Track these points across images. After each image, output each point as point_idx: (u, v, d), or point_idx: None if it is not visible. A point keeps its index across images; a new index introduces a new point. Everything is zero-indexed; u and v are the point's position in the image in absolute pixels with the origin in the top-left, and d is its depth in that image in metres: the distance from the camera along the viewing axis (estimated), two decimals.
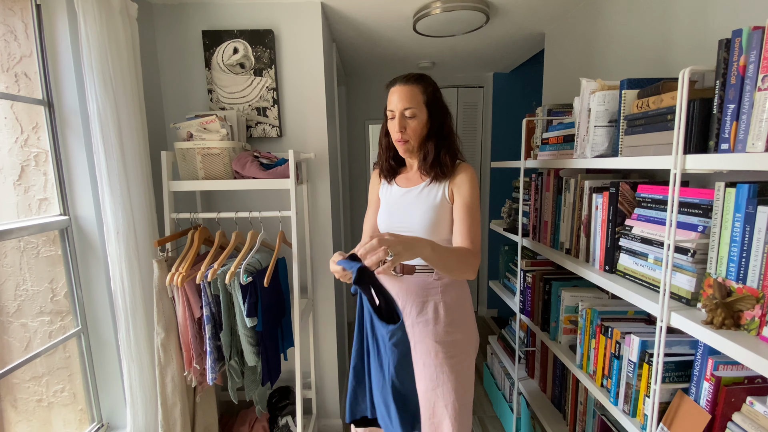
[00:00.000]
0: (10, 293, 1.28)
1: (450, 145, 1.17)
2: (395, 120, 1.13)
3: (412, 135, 1.14)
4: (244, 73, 1.75)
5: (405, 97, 1.12)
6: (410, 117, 1.13)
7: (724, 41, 0.77)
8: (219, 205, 1.88)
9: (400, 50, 2.50)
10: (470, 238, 1.12)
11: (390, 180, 1.26)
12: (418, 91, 1.13)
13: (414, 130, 1.14)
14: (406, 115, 1.12)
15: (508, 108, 3.18)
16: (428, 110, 1.14)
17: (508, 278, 2.06)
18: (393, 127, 1.15)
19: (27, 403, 1.34)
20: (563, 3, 1.81)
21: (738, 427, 0.79)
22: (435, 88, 1.17)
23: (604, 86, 1.17)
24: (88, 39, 1.22)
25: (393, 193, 1.24)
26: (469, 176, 1.15)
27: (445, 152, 1.16)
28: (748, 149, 0.73)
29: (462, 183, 1.15)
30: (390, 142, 1.23)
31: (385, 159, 1.26)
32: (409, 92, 1.12)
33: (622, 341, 1.12)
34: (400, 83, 1.14)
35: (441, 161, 1.15)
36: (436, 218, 1.15)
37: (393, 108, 1.14)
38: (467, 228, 1.13)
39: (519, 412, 1.90)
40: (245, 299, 1.39)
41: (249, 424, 1.79)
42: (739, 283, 0.79)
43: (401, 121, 1.13)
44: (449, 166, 1.16)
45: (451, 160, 1.16)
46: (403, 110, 1.12)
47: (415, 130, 1.14)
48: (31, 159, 1.32)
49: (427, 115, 1.15)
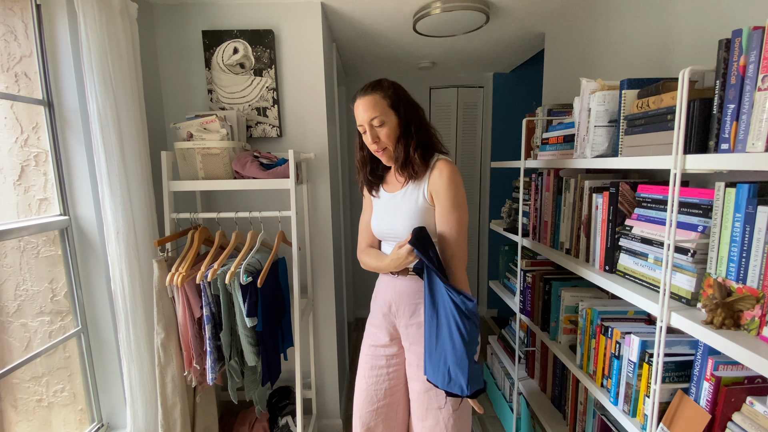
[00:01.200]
0: (10, 293, 1.28)
1: (420, 141, 1.13)
2: (367, 133, 1.13)
3: (387, 142, 1.13)
4: (244, 73, 1.75)
5: (368, 107, 1.10)
6: (379, 126, 1.11)
7: (724, 41, 0.77)
8: (219, 205, 1.88)
9: (400, 50, 2.50)
10: (451, 244, 1.11)
11: (376, 191, 1.26)
12: (379, 97, 1.11)
13: (387, 136, 1.12)
14: (375, 124, 1.11)
15: (508, 108, 3.18)
16: (395, 112, 1.12)
17: (508, 278, 2.06)
18: (367, 141, 1.14)
19: (27, 403, 1.34)
20: (563, 3, 1.81)
21: (738, 427, 0.79)
22: (396, 88, 1.14)
23: (604, 86, 1.16)
24: (88, 39, 1.22)
25: (382, 200, 1.24)
26: (445, 174, 1.10)
27: (413, 150, 1.12)
28: (748, 149, 0.73)
29: (438, 183, 1.11)
30: (365, 155, 1.22)
31: (364, 175, 1.25)
32: (371, 102, 1.11)
33: (622, 341, 1.12)
34: (360, 96, 1.13)
35: (411, 161, 1.13)
36: (420, 222, 1.14)
37: (361, 122, 1.13)
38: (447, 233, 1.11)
39: (519, 412, 1.90)
40: (245, 299, 1.39)
41: (249, 424, 1.79)
42: (739, 283, 0.79)
43: (372, 132, 1.12)
44: (420, 164, 1.13)
45: (421, 157, 1.13)
46: (370, 120, 1.11)
47: (388, 136, 1.12)
48: (31, 159, 1.32)
49: (396, 118, 1.13)
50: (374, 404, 1.21)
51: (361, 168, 1.25)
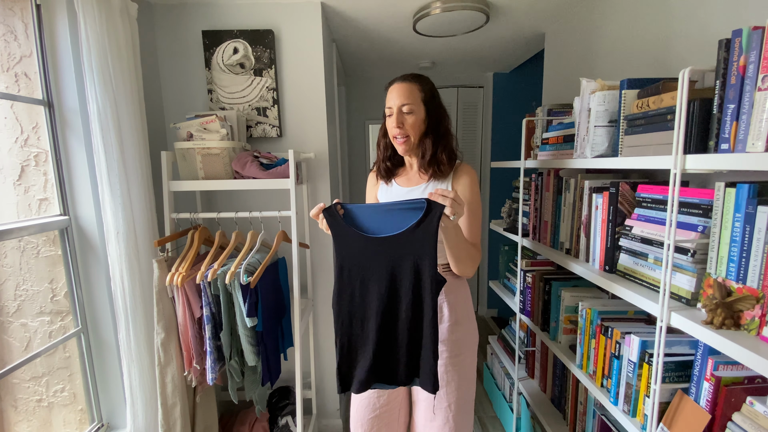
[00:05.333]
0: (10, 293, 1.28)
1: (447, 144, 1.18)
2: (393, 116, 1.14)
3: (410, 130, 1.14)
4: (244, 73, 1.74)
5: (403, 93, 1.13)
6: (408, 113, 1.13)
7: (724, 41, 0.77)
8: (219, 205, 1.88)
9: (400, 50, 2.50)
10: (472, 238, 1.15)
11: (388, 180, 1.26)
12: (416, 88, 1.14)
13: (412, 125, 1.14)
14: (404, 110, 1.13)
15: (508, 108, 3.18)
16: (426, 108, 1.15)
17: (508, 278, 2.06)
18: (391, 124, 1.16)
19: (27, 403, 1.34)
20: (563, 3, 1.81)
21: (738, 427, 0.79)
22: (433, 87, 1.18)
23: (604, 86, 1.16)
24: (88, 39, 1.22)
25: (394, 192, 1.24)
26: (471, 177, 1.17)
27: (442, 150, 1.16)
28: (748, 149, 0.73)
29: (464, 183, 1.16)
30: (388, 141, 1.23)
31: (382, 159, 1.26)
32: (407, 89, 1.13)
33: (622, 341, 1.12)
34: (399, 81, 1.16)
35: (438, 159, 1.16)
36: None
37: (391, 105, 1.14)
38: (469, 228, 1.15)
39: (519, 412, 1.90)
40: (245, 299, 1.39)
41: (249, 424, 1.79)
42: (739, 283, 0.79)
43: (399, 117, 1.13)
44: (446, 164, 1.16)
45: (448, 158, 1.17)
46: (400, 106, 1.13)
47: (413, 126, 1.14)
48: (31, 159, 1.32)
49: (424, 113, 1.15)
50: (376, 410, 1.20)
51: (382, 154, 1.26)
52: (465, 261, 1.10)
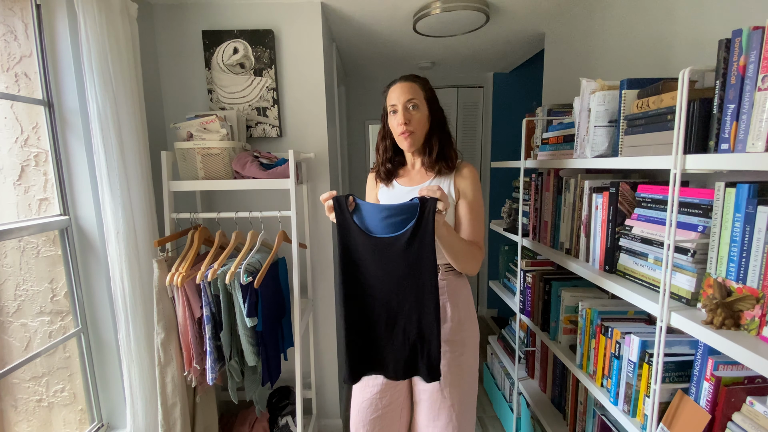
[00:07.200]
0: (10, 293, 1.28)
1: (449, 143, 1.20)
2: (398, 113, 1.13)
3: (417, 126, 1.14)
4: (244, 73, 1.74)
5: (407, 90, 1.13)
6: (413, 108, 1.13)
7: (724, 41, 0.77)
8: (219, 205, 1.88)
9: (400, 50, 2.50)
10: (474, 236, 1.15)
11: (389, 182, 1.26)
12: (418, 87, 1.15)
13: (419, 121, 1.14)
14: (410, 106, 1.13)
15: (508, 108, 3.18)
16: (429, 106, 1.16)
17: (508, 278, 2.06)
18: (396, 121, 1.15)
19: (27, 403, 1.34)
20: (563, 3, 1.81)
21: (738, 427, 0.79)
22: (432, 89, 1.20)
23: (604, 86, 1.16)
24: (88, 39, 1.22)
25: (396, 192, 1.24)
26: (473, 174, 1.19)
27: (449, 147, 1.18)
28: (748, 149, 0.73)
29: (467, 181, 1.17)
30: (388, 143, 1.23)
31: (382, 162, 1.25)
32: (411, 87, 1.14)
33: (622, 341, 1.12)
34: (400, 80, 1.16)
35: (446, 155, 1.17)
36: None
37: (395, 102, 1.14)
38: (471, 226, 1.15)
39: (519, 412, 1.90)
40: (245, 299, 1.39)
41: (249, 424, 1.79)
42: (739, 283, 0.79)
43: (405, 113, 1.13)
44: (453, 160, 1.18)
45: (454, 154, 1.19)
46: (406, 102, 1.13)
47: (419, 122, 1.14)
48: (31, 159, 1.32)
49: (428, 111, 1.16)
50: (378, 410, 1.20)
51: (382, 156, 1.26)
52: (464, 258, 1.10)
